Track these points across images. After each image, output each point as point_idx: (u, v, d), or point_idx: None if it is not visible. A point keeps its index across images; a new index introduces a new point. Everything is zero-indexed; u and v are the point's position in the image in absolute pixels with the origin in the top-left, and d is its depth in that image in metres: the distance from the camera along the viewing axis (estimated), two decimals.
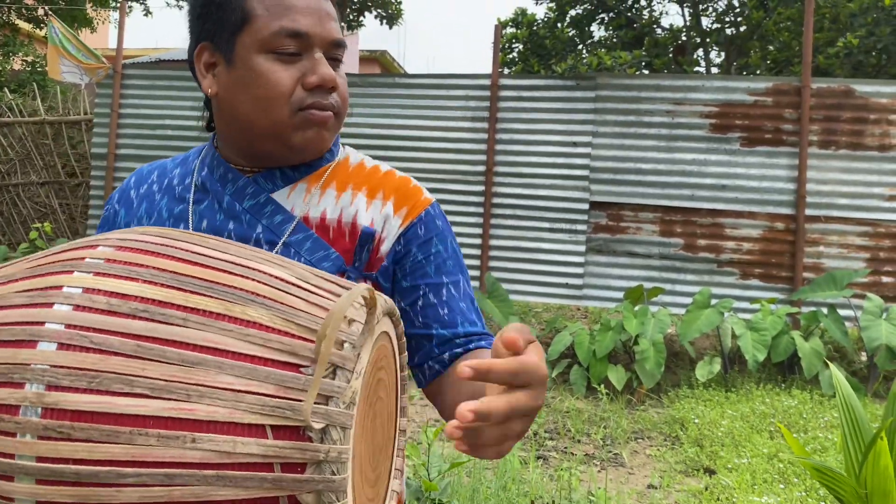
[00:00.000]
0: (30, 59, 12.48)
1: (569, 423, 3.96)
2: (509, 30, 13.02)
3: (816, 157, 5.20)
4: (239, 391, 0.61)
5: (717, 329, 4.84)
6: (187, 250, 0.69)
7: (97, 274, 0.65)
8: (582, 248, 5.43)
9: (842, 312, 4.85)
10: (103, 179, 6.26)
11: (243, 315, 0.64)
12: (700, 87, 5.36)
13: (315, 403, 0.62)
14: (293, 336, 0.64)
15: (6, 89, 8.60)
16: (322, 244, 0.94)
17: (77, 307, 0.63)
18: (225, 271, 0.68)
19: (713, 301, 4.92)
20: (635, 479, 3.11)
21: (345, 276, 0.92)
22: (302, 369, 0.63)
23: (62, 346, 0.60)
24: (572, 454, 3.45)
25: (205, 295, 0.65)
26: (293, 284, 0.69)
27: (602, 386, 4.41)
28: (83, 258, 0.67)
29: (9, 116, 7.41)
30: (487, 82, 5.67)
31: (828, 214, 5.19)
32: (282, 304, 0.66)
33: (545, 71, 11.65)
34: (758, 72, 11.34)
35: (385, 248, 0.95)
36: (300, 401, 0.61)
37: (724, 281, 5.29)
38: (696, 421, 3.72)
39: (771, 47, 11.58)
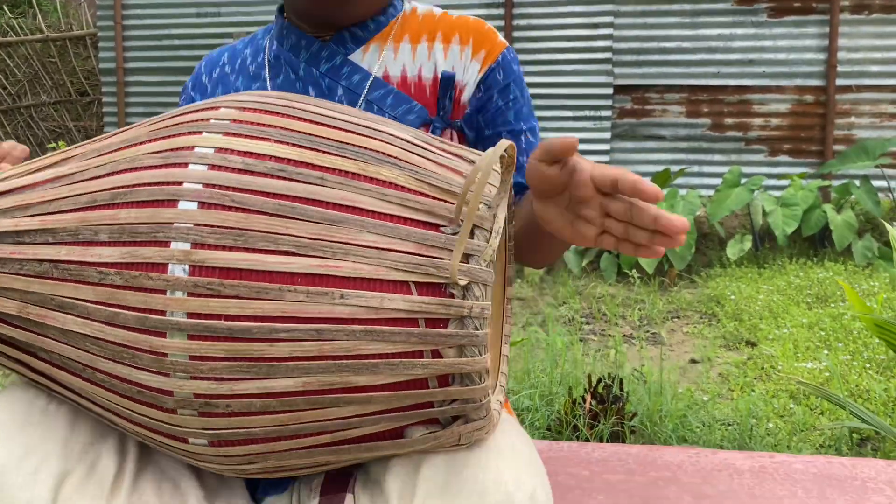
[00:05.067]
0: None
1: (603, 307, 4.01)
2: None
3: (848, 24, 5.02)
4: (382, 249, 0.60)
5: (747, 207, 4.81)
6: (310, 111, 0.68)
7: (227, 134, 0.64)
8: (607, 135, 5.35)
9: (875, 183, 4.80)
10: (115, 95, 6.17)
11: (378, 175, 0.63)
12: None
13: (446, 260, 0.62)
14: (428, 196, 0.64)
15: (4, 7, 8.38)
16: (404, 98, 0.92)
17: (213, 166, 0.62)
18: (352, 132, 0.67)
19: (742, 180, 4.87)
20: (676, 355, 3.17)
21: (430, 128, 0.91)
22: (441, 228, 0.63)
23: (203, 204, 0.60)
24: (611, 335, 3.51)
25: (338, 155, 0.64)
26: (417, 146, 0.68)
27: (633, 270, 4.44)
28: (207, 119, 0.66)
29: (11, 36, 7.26)
30: None
31: (859, 84, 5.05)
32: (412, 164, 0.65)
33: None
34: None
35: (466, 95, 0.94)
36: (442, 258, 0.61)
37: (752, 159, 5.22)
38: (733, 297, 3.75)
39: None
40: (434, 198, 0.64)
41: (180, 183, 0.62)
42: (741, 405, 2.28)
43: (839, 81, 5.06)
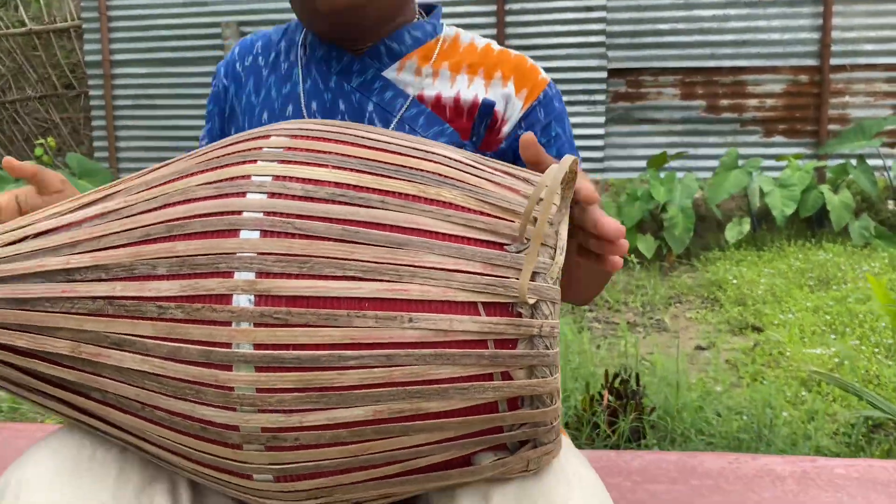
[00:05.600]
0: None
1: (605, 294, 4.01)
2: None
3: (841, 3, 5.01)
4: (449, 270, 0.59)
5: (744, 190, 4.82)
6: (362, 136, 0.66)
7: (283, 162, 0.62)
8: (601, 120, 5.33)
9: (871, 163, 4.81)
10: (102, 88, 6.09)
11: (438, 196, 0.61)
12: None
13: (516, 279, 0.60)
14: (489, 215, 0.62)
15: None
16: (437, 119, 0.90)
17: (272, 194, 0.60)
18: (407, 155, 0.65)
19: (740, 162, 4.87)
20: (681, 341, 3.17)
21: None
22: (506, 247, 0.61)
23: (266, 233, 0.58)
24: (615, 323, 3.51)
25: (397, 178, 0.62)
26: (472, 166, 0.67)
27: (632, 256, 4.44)
28: (259, 148, 0.64)
29: None
30: None
31: (853, 63, 5.05)
32: (470, 184, 0.64)
33: None
34: None
35: (507, 129, 0.92)
36: (508, 277, 0.60)
37: (747, 140, 5.22)
38: (735, 281, 3.76)
39: None
40: (496, 217, 0.62)
41: (240, 212, 0.60)
42: (754, 395, 2.28)
43: (833, 61, 5.05)
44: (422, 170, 0.63)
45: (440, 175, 0.63)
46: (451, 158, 0.66)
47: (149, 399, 0.61)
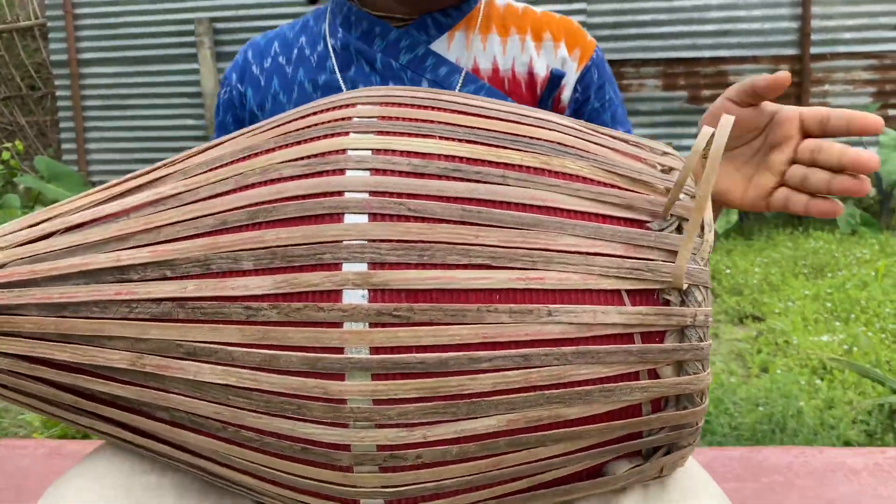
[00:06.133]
0: None
1: None
2: None
3: None
4: (587, 253, 0.50)
5: None
6: (459, 103, 0.57)
7: (380, 133, 0.53)
8: None
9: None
10: (69, 89, 5.89)
11: (563, 168, 0.53)
12: None
13: (664, 262, 0.52)
14: (621, 188, 0.54)
15: None
16: (497, 93, 0.84)
17: (375, 171, 0.51)
18: (517, 122, 0.56)
19: None
20: None
21: None
22: (647, 224, 0.53)
23: (375, 216, 0.49)
24: None
25: (514, 149, 0.53)
26: (586, 132, 0.58)
27: None
28: (349, 118, 0.54)
29: None
30: None
31: (833, 51, 5.06)
32: (592, 153, 0.55)
33: None
34: None
35: (566, 95, 0.86)
36: (653, 259, 0.52)
37: None
38: (728, 271, 3.73)
39: None
40: (628, 189, 0.54)
41: (341, 193, 0.50)
42: (770, 385, 2.23)
43: (813, 50, 5.06)
44: (539, 138, 0.55)
45: (559, 143, 0.55)
46: (564, 125, 0.58)
47: (233, 417, 0.52)
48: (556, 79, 0.85)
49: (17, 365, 0.58)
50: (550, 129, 0.56)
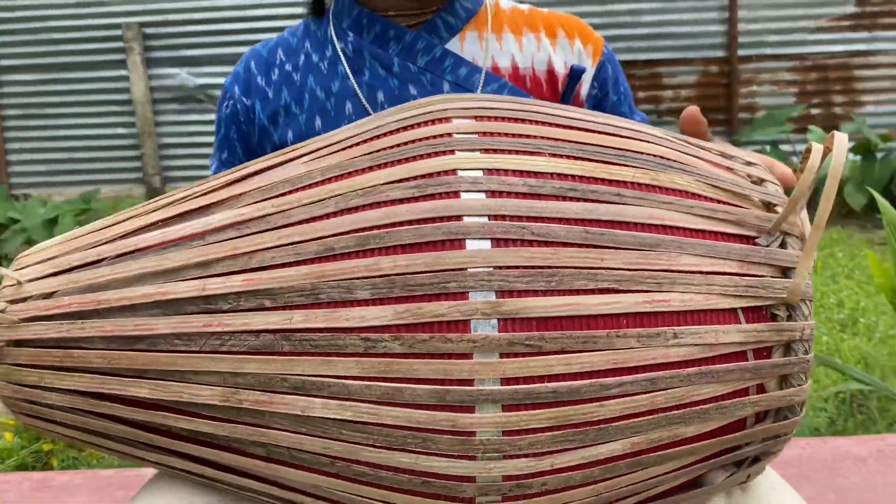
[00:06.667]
0: None
1: None
2: None
3: None
4: (707, 273, 0.50)
5: None
6: (550, 114, 0.56)
7: (486, 151, 0.51)
8: None
9: (782, 148, 5.02)
10: None
11: (672, 184, 0.53)
12: None
13: (774, 278, 0.52)
14: (727, 203, 0.54)
15: None
16: (519, 92, 0.83)
17: (491, 193, 0.49)
18: (615, 134, 0.56)
19: None
20: None
21: None
22: (756, 241, 0.53)
23: (498, 241, 0.48)
24: None
25: (622, 164, 0.53)
26: (679, 142, 0.58)
27: None
28: (447, 134, 0.53)
29: None
30: None
31: (759, 53, 5.26)
32: (694, 167, 0.55)
33: None
34: None
35: (584, 91, 0.87)
36: (765, 276, 0.52)
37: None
38: None
39: None
40: (732, 204, 0.54)
41: (459, 217, 0.49)
42: None
43: (741, 52, 5.24)
44: (643, 153, 0.54)
45: (662, 157, 0.55)
46: (657, 136, 0.57)
47: (346, 452, 0.50)
48: (576, 74, 0.84)
49: (81, 402, 0.54)
50: (650, 142, 0.55)
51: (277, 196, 0.53)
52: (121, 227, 0.57)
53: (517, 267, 0.48)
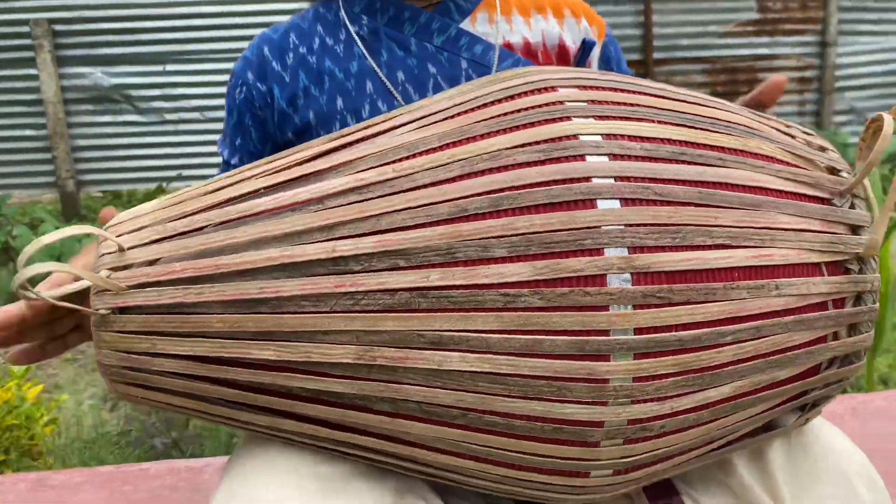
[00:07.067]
0: None
1: None
2: None
3: (660, 2, 5.44)
4: (798, 230, 0.56)
5: None
6: (647, 85, 0.61)
7: (599, 118, 0.55)
8: None
9: None
10: None
11: (759, 150, 0.58)
12: None
13: (848, 235, 0.58)
14: (802, 168, 0.59)
15: None
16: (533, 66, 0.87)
17: (614, 156, 0.53)
18: (703, 104, 0.61)
19: None
20: None
21: None
22: (832, 202, 0.59)
23: (626, 201, 0.52)
24: None
25: (717, 132, 0.58)
26: (749, 111, 0.63)
27: None
28: (559, 102, 0.56)
29: None
30: None
31: (672, 56, 5.51)
32: (768, 135, 0.61)
33: None
34: None
35: (595, 68, 0.91)
36: (842, 234, 0.58)
37: None
38: None
39: None
40: (806, 168, 0.60)
41: (588, 179, 0.52)
42: None
43: (656, 55, 5.47)
44: (730, 121, 0.59)
45: (745, 126, 0.60)
46: (733, 107, 0.62)
47: (480, 404, 0.52)
48: (588, 47, 0.88)
49: (196, 367, 0.54)
50: (733, 112, 0.60)
51: (397, 161, 0.55)
52: (220, 194, 0.57)
53: (645, 224, 0.51)
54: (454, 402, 0.52)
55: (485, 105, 0.57)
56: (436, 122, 0.57)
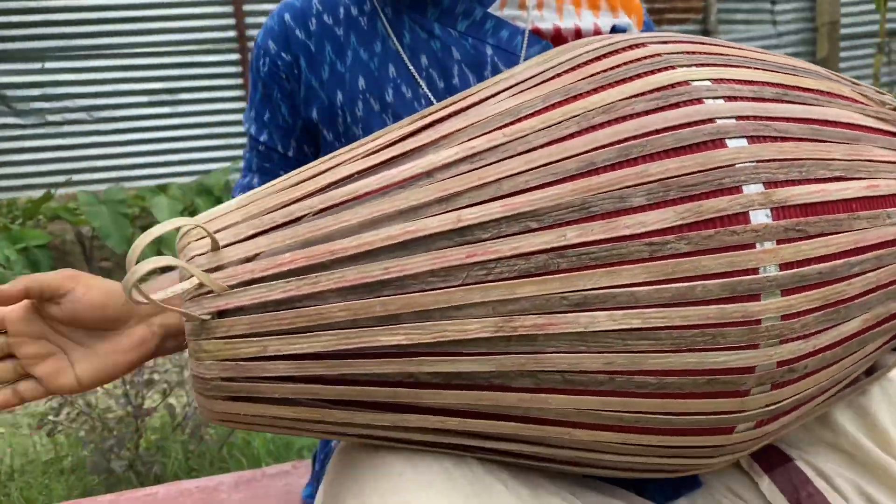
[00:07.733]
0: None
1: None
2: None
3: None
4: (891, 162, 0.57)
5: None
6: (719, 42, 0.62)
7: (700, 66, 0.55)
8: None
9: None
10: None
11: (840, 91, 0.60)
12: None
13: None
14: (874, 107, 0.61)
15: None
16: None
17: (727, 98, 0.53)
18: (775, 55, 0.61)
19: None
20: None
21: None
22: None
23: (752, 139, 0.51)
24: None
25: (803, 76, 0.59)
26: (812, 67, 0.65)
27: None
28: (656, 55, 0.55)
29: None
30: None
31: None
32: (836, 80, 0.62)
33: None
34: None
35: None
36: None
37: None
38: None
39: None
40: (879, 108, 0.61)
41: (713, 120, 0.51)
42: None
43: None
44: (807, 68, 0.60)
45: (816, 71, 0.61)
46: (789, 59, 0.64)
47: (629, 364, 0.49)
48: (619, 32, 0.85)
49: (314, 366, 0.49)
50: (805, 64, 0.61)
51: (504, 126, 0.52)
52: (309, 184, 0.53)
53: (773, 160, 0.51)
54: (602, 366, 0.49)
55: (580, 65, 0.56)
56: (532, 86, 0.55)
